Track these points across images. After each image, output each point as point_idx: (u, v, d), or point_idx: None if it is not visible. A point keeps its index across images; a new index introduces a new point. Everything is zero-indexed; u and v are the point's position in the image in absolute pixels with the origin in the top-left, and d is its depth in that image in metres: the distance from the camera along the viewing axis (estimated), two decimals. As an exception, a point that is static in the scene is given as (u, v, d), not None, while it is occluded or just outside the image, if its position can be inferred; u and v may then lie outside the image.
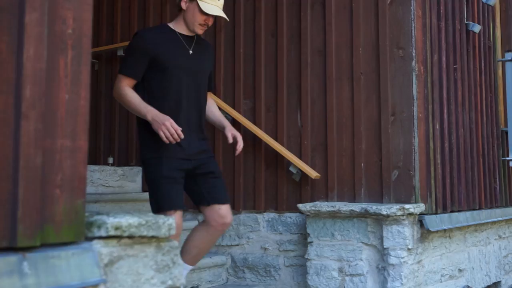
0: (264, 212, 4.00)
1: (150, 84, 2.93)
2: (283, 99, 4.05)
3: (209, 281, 3.96)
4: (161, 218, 1.64)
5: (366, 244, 3.42)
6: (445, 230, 3.84)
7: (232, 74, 4.28)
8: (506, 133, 5.31)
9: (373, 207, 3.33)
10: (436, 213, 3.67)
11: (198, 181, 2.99)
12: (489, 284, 4.69)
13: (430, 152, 3.67)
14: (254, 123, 4.11)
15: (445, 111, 3.96)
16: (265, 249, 3.94)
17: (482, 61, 4.87)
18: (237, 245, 4.05)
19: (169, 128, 2.74)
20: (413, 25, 3.61)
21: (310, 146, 3.90)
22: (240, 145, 3.03)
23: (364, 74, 3.74)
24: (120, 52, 4.80)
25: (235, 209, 3.99)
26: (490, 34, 5.17)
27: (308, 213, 3.60)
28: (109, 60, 4.97)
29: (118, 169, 4.52)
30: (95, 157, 4.89)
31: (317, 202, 3.67)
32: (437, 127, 3.81)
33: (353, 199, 3.66)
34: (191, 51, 2.99)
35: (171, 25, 3.04)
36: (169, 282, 1.67)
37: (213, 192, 2.99)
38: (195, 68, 3.01)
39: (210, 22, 2.97)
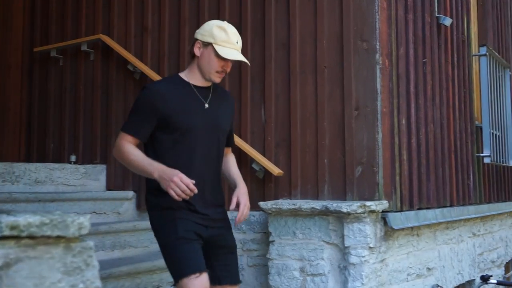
0: (228, 210, 3.87)
1: (158, 144, 2.55)
2: (247, 94, 3.93)
3: (170, 282, 3.83)
4: (69, 217, 1.52)
5: (328, 243, 3.31)
6: (412, 228, 3.74)
7: (196, 69, 4.15)
8: (481, 129, 5.22)
9: (333, 205, 3.22)
10: (401, 211, 3.57)
11: (212, 254, 2.59)
12: (462, 282, 4.60)
13: (395, 148, 3.56)
14: (218, 119, 3.99)
15: (413, 105, 3.86)
16: (228, 248, 3.82)
17: (455, 55, 4.77)
18: (200, 244, 3.93)
19: (179, 184, 2.34)
20: (378, 17, 3.50)
21: (273, 142, 3.78)
22: (240, 217, 2.59)
23: (328, 67, 3.62)
24: (85, 47, 4.67)
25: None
26: (464, 28, 5.07)
27: (270, 212, 3.49)
28: (74, 56, 4.83)
29: (80, 167, 4.39)
30: (59, 155, 4.76)
31: (279, 200, 3.56)
32: (403, 122, 3.70)
33: (317, 196, 3.54)
34: (207, 105, 2.59)
35: (183, 75, 2.64)
36: (81, 286, 1.55)
37: (227, 270, 2.62)
38: (212, 125, 2.60)
39: (229, 68, 2.59)
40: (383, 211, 3.35)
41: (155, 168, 2.43)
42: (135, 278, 3.55)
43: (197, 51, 2.58)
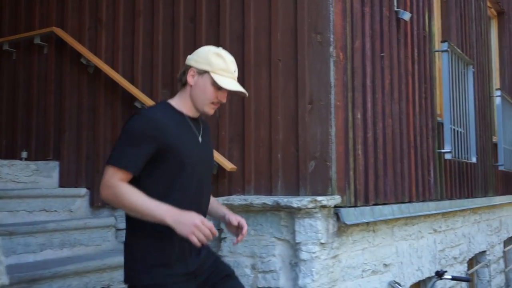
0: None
1: (150, 180, 2.25)
2: (201, 88, 3.84)
3: (122, 281, 3.72)
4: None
5: (279, 239, 3.24)
6: (367, 223, 3.69)
7: (150, 62, 4.06)
8: (443, 125, 5.21)
9: (284, 200, 3.15)
10: (355, 206, 3.51)
11: None
12: (421, 279, 4.57)
13: (349, 142, 3.50)
14: (172, 113, 3.90)
15: (369, 99, 3.81)
16: (182, 246, 3.73)
17: (416, 50, 4.74)
18: (154, 242, 3.82)
19: (202, 229, 2.07)
20: (332, 10, 3.44)
21: (227, 137, 3.70)
22: (244, 233, 2.40)
23: (282, 60, 3.55)
24: (37, 40, 4.54)
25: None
26: (425, 24, 5.05)
27: (221, 207, 3.40)
28: (27, 49, 4.69)
29: (31, 163, 4.25)
30: (12, 151, 4.62)
31: (231, 196, 3.47)
32: (359, 116, 3.65)
33: (270, 192, 3.47)
34: (200, 138, 2.38)
35: (173, 103, 2.37)
36: (-17, 283, 1.45)
37: None
38: (205, 160, 2.40)
39: (224, 99, 2.39)
40: (336, 206, 3.29)
41: (167, 212, 2.12)
42: (83, 277, 3.43)
43: (190, 79, 2.33)
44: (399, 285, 3.93)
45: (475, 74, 6.69)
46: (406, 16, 4.36)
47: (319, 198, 3.11)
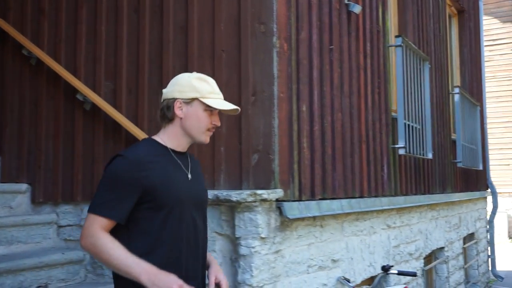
0: None
1: (136, 227, 2.10)
2: (145, 80, 3.73)
3: (62, 279, 3.60)
4: None
5: (220, 234, 3.14)
6: (314, 218, 3.62)
7: (93, 54, 3.93)
8: (397, 120, 5.18)
9: (224, 193, 3.06)
10: (300, 200, 3.44)
11: None
12: (374, 274, 4.53)
13: (293, 135, 3.43)
14: (115, 106, 3.78)
15: (316, 92, 3.74)
16: (124, 243, 3.61)
17: (368, 44, 4.70)
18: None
19: None
20: (275, -1, 3.36)
21: (171, 130, 3.59)
22: None
23: (226, 51, 3.46)
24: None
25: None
26: (379, 18, 5.02)
27: (162, 202, 3.30)
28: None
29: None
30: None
31: (171, 190, 3.37)
32: (304, 108, 3.58)
33: (213, 186, 3.37)
34: (190, 175, 2.24)
35: (158, 139, 2.22)
36: None
37: None
38: (197, 200, 2.25)
39: (219, 123, 2.27)
40: (278, 200, 3.21)
41: (143, 270, 1.97)
42: (17, 275, 3.29)
43: (179, 111, 2.18)
44: (348, 281, 3.87)
45: (433, 71, 6.70)
46: (357, 9, 4.31)
47: (259, 191, 3.03)
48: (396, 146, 5.05)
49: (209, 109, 2.21)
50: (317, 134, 3.72)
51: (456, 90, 7.32)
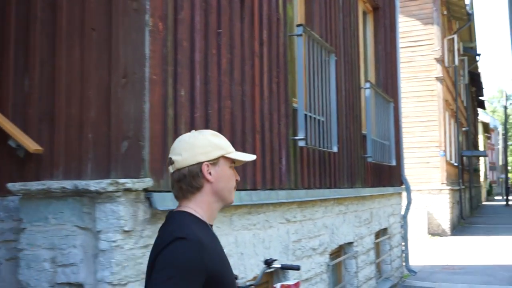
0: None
1: None
2: (10, 61, 3.40)
3: None
4: None
5: (81, 228, 2.86)
6: (195, 210, 3.39)
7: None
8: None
9: (82, 183, 2.78)
10: (176, 191, 3.19)
11: None
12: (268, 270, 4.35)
13: (168, 121, 3.19)
14: (-24, 90, 3.42)
15: (198, 77, 3.52)
16: (-16, 240, 3.26)
17: (265, 32, 4.53)
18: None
19: None
20: (150, -26, 3.11)
21: (37, 115, 3.28)
22: None
23: (96, 30, 3.17)
24: None
25: None
26: (279, 6, 4.86)
27: (19, 194, 2.99)
28: None
29: None
30: None
31: (29, 182, 3.05)
32: (183, 93, 3.34)
33: (80, 176, 3.09)
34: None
35: (195, 213, 1.91)
36: None
37: None
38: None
39: (239, 177, 2.06)
40: (148, 190, 2.96)
41: None
42: None
43: (209, 176, 1.91)
44: (236, 277, 3.66)
45: (342, 65, 6.64)
46: (250, -7, 4.12)
47: (121, 180, 2.76)
48: (296, 138, 4.91)
49: (232, 164, 2.00)
50: (200, 121, 3.50)
51: (367, 85, 7.31)
